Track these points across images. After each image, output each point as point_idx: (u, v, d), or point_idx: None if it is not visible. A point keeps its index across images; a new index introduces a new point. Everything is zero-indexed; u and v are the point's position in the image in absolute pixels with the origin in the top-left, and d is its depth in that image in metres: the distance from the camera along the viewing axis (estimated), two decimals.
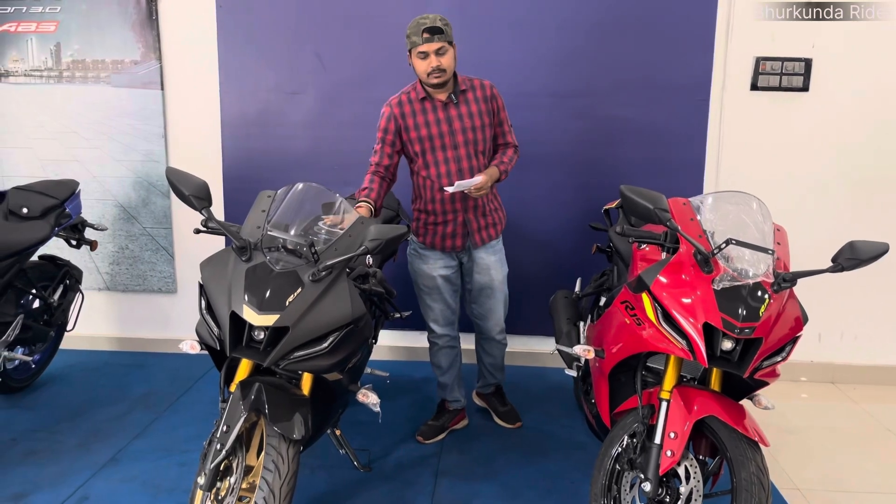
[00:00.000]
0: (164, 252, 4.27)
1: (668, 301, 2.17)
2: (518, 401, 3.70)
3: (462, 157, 3.04)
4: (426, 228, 3.19)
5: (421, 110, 3.02)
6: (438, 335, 3.33)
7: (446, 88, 3.01)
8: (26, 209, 3.47)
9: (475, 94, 3.06)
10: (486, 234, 3.20)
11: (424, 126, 3.02)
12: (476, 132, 3.04)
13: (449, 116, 3.02)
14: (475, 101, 3.05)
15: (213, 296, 2.24)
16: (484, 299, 3.29)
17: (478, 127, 3.04)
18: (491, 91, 3.08)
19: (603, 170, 4.00)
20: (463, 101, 3.04)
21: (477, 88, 3.07)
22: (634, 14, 3.86)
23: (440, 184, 3.06)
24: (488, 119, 3.07)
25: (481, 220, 3.17)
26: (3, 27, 4.08)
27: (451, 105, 3.02)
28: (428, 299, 3.28)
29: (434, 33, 2.85)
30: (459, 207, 3.12)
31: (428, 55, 2.88)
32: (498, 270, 3.26)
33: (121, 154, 4.19)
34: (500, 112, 3.13)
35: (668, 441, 2.19)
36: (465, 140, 3.03)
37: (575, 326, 3.30)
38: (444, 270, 3.21)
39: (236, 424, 2.19)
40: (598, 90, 3.93)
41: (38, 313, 3.64)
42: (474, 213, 3.14)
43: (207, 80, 4.08)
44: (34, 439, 3.26)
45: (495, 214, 3.22)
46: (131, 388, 3.85)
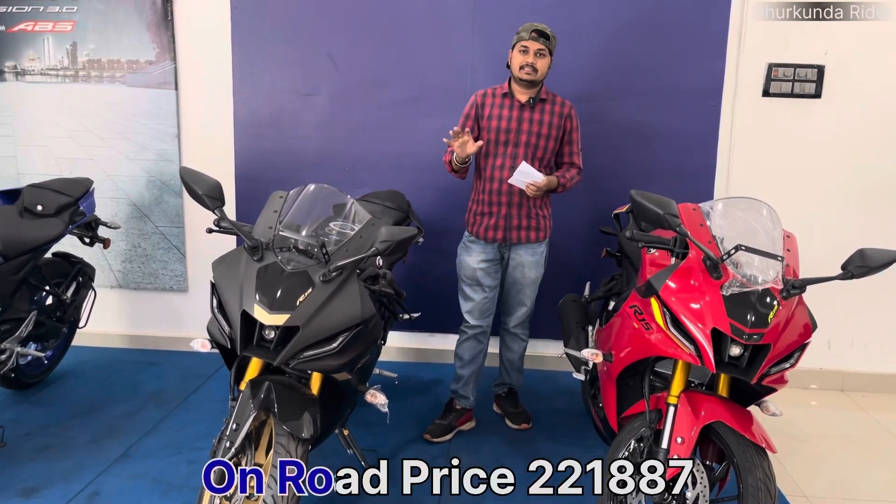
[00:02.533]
0: (175, 251, 4.31)
1: (677, 306, 2.17)
2: (527, 403, 3.71)
3: (520, 156, 3.20)
4: (474, 218, 3.34)
5: (499, 104, 3.23)
6: (470, 325, 3.41)
7: (529, 91, 3.20)
8: (41, 207, 3.51)
9: (552, 108, 3.23)
10: (526, 234, 3.30)
11: (496, 118, 3.21)
12: (541, 139, 3.21)
13: (521, 117, 3.21)
14: (551, 113, 3.23)
15: (225, 295, 2.27)
16: (514, 293, 3.41)
17: (544, 135, 3.21)
18: (569, 111, 3.27)
19: (613, 174, 4.01)
20: (540, 108, 3.22)
21: (557, 103, 3.25)
22: (647, 19, 3.87)
23: (493, 175, 3.23)
24: (556, 133, 3.23)
25: (524, 220, 3.28)
26: (20, 26, 4.13)
27: (527, 108, 3.20)
28: (467, 289, 3.38)
29: (541, 36, 3.11)
30: (505, 201, 3.25)
31: (528, 51, 3.10)
32: (532, 270, 3.36)
33: (135, 153, 4.22)
34: (573, 132, 3.30)
35: (674, 446, 2.19)
36: (527, 142, 3.20)
37: (584, 330, 3.31)
38: (484, 264, 3.32)
39: (246, 423, 2.21)
40: (608, 95, 3.94)
41: (51, 310, 3.68)
42: (518, 210, 3.26)
43: (221, 80, 4.11)
44: (46, 434, 3.30)
45: (541, 220, 3.33)
46: (143, 385, 3.89)
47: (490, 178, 3.24)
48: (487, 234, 3.30)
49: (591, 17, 3.88)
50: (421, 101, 4.00)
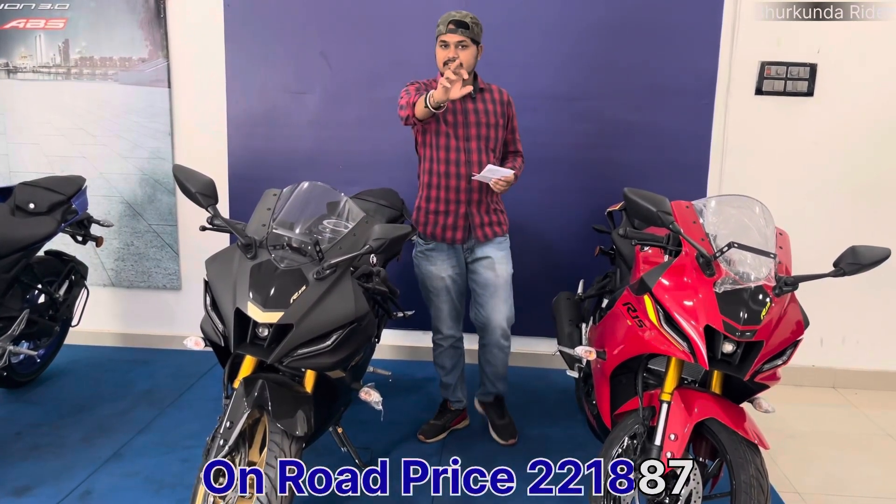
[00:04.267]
0: (169, 249, 4.30)
1: (670, 303, 2.18)
2: (519, 402, 3.71)
3: (472, 149, 3.08)
4: (427, 218, 3.18)
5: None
6: (445, 336, 3.33)
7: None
8: (33, 205, 3.49)
9: (492, 97, 3.14)
10: (489, 230, 3.20)
11: (443, 112, 3.02)
12: (490, 129, 3.10)
13: (465, 109, 3.07)
14: (492, 101, 3.13)
15: (218, 292, 2.26)
16: (488, 297, 3.23)
17: (492, 125, 3.11)
18: (508, 98, 3.19)
19: (606, 172, 4.01)
20: (480, 99, 3.11)
21: (494, 92, 3.16)
22: (639, 17, 3.87)
23: (448, 171, 3.09)
24: (503, 121, 3.15)
25: (484, 217, 3.18)
26: (11, 23, 4.11)
27: (468, 99, 3.07)
28: (436, 300, 3.27)
29: (459, 26, 2.92)
30: (463, 199, 3.13)
31: (448, 45, 2.95)
32: (503, 266, 3.23)
33: (127, 151, 4.21)
34: (513, 120, 3.22)
35: (668, 443, 2.20)
36: (477, 134, 3.09)
37: (577, 328, 3.32)
38: (451, 271, 3.21)
39: (239, 421, 2.21)
40: (601, 93, 3.95)
41: (43, 308, 3.66)
42: (477, 208, 3.15)
43: (214, 78, 4.10)
44: (38, 434, 3.28)
45: (499, 214, 3.25)
46: (135, 383, 3.87)
47: (445, 173, 3.10)
48: (446, 234, 3.17)
49: (582, 14, 3.88)
50: None
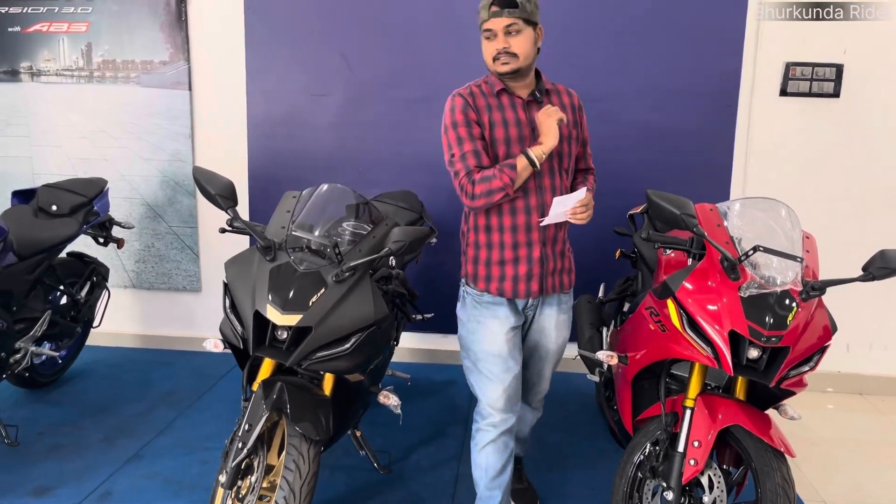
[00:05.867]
0: (189, 251, 4.31)
1: (694, 308, 2.14)
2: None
3: (543, 172, 2.30)
4: (491, 271, 2.37)
5: (497, 106, 2.30)
6: (496, 421, 2.40)
7: (526, 83, 2.33)
8: (55, 206, 3.52)
9: (561, 99, 2.40)
10: (559, 279, 2.44)
11: (502, 125, 2.28)
12: (563, 143, 2.33)
13: (531, 119, 2.31)
14: (562, 106, 2.38)
15: (238, 295, 2.26)
16: (534, 364, 2.57)
17: (565, 137, 2.34)
18: (578, 102, 2.44)
19: (627, 175, 3.97)
20: (548, 102, 2.36)
21: (563, 93, 2.41)
22: (661, 17, 3.83)
23: (515, 206, 2.31)
24: (576, 132, 2.40)
25: (558, 261, 2.43)
26: (35, 27, 4.15)
27: (534, 105, 2.33)
28: (491, 369, 2.39)
29: (505, 5, 2.18)
30: (536, 238, 2.35)
31: (495, 35, 2.22)
32: (561, 331, 2.51)
33: (148, 153, 4.23)
34: (585, 130, 2.49)
35: (691, 449, 2.17)
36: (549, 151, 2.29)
37: (598, 332, 3.29)
38: (513, 332, 2.40)
39: (258, 423, 2.20)
40: (622, 94, 3.91)
41: (65, 309, 3.69)
42: (552, 248, 2.40)
43: (234, 81, 4.11)
44: (59, 434, 3.30)
45: (571, 256, 2.53)
46: (155, 385, 3.89)
47: (512, 210, 2.31)
48: (519, 287, 2.36)
49: (605, 15, 3.85)
50: (434, 101, 3.98)
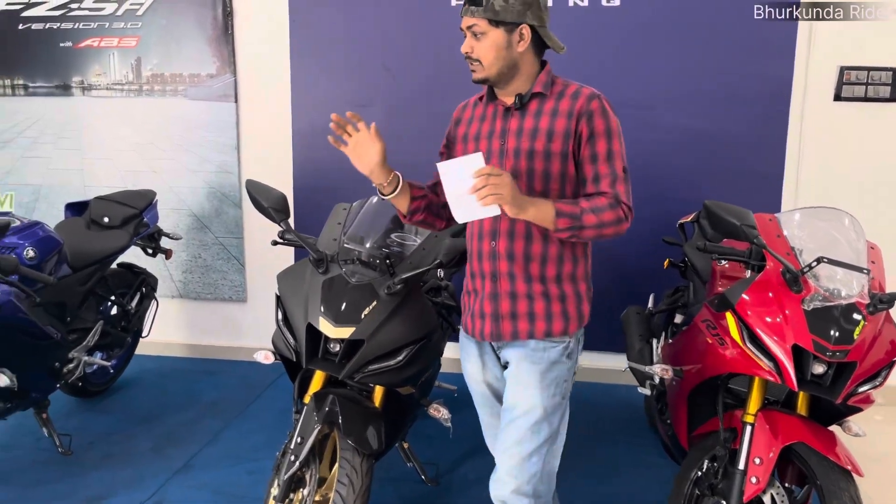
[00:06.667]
0: (235, 261, 4.35)
1: (755, 321, 2.08)
2: (587, 419, 3.62)
3: None
4: (464, 300, 2.12)
5: (479, 117, 2.05)
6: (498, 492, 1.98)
7: (512, 88, 1.96)
8: (107, 218, 3.59)
9: (556, 105, 1.93)
10: (522, 325, 1.95)
11: (473, 139, 2.02)
12: (532, 160, 1.91)
13: (505, 130, 1.97)
14: (551, 113, 1.92)
15: (290, 308, 2.26)
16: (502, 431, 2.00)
17: (537, 153, 1.90)
18: (586, 105, 1.90)
19: (675, 183, 3.90)
20: (531, 112, 1.95)
21: (566, 97, 1.94)
22: (709, 20, 3.75)
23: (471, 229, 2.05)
24: (559, 145, 1.90)
25: (521, 300, 1.95)
26: (86, 42, 4.24)
27: (512, 114, 1.97)
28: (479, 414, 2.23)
29: (471, 3, 1.89)
30: (488, 270, 1.99)
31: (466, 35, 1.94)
32: (532, 389, 1.94)
33: (195, 165, 4.29)
34: (595, 141, 1.90)
35: (752, 467, 2.10)
36: (513, 169, 1.92)
37: (648, 344, 3.23)
38: (492, 376, 2.10)
39: (310, 436, 2.20)
40: (670, 100, 3.84)
41: (115, 320, 3.74)
42: (510, 280, 1.96)
43: (279, 92, 4.14)
44: (110, 443, 3.35)
45: (555, 299, 1.95)
46: (202, 394, 3.93)
47: (476, 234, 2.03)
48: (475, 325, 2.04)
49: (650, 18, 3.79)
50: None
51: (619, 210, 1.86)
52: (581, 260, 2.01)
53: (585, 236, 1.86)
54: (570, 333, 1.98)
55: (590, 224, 1.83)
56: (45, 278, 2.78)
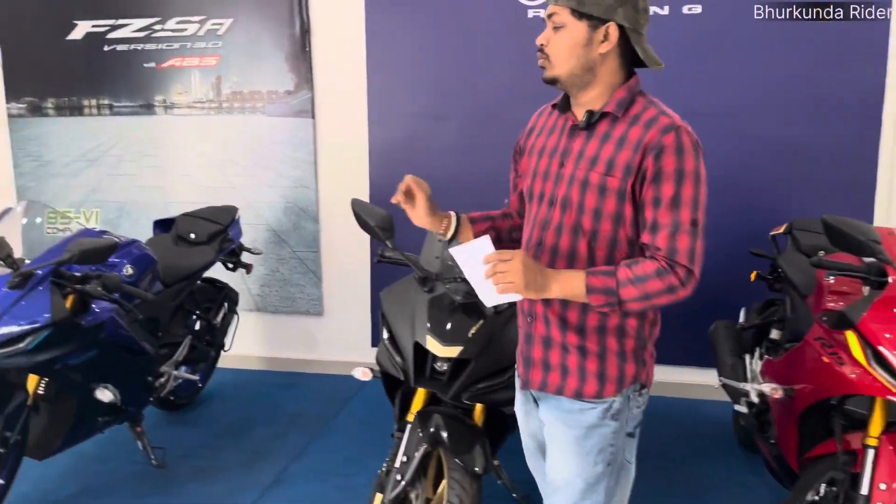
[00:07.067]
0: (312, 275, 4.39)
1: (881, 340, 2.00)
2: (671, 435, 3.54)
3: (550, 223, 1.73)
4: None
5: (549, 128, 1.81)
6: None
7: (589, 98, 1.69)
8: (194, 235, 3.66)
9: (626, 131, 1.63)
10: (553, 377, 1.75)
11: (537, 153, 1.80)
12: (584, 192, 1.66)
13: (567, 150, 1.72)
14: (618, 141, 1.64)
15: (396, 326, 2.27)
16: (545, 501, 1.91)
17: (591, 185, 1.65)
18: (657, 138, 1.59)
19: (761, 193, 3.81)
20: (598, 134, 1.67)
21: (639, 123, 1.63)
22: (794, 24, 3.65)
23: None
24: (618, 181, 1.62)
25: (554, 349, 1.74)
26: (169, 62, 4.34)
27: (578, 133, 1.71)
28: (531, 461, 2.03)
29: None
30: (526, 307, 1.82)
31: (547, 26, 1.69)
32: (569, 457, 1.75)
33: (273, 180, 4.35)
34: (654, 180, 1.59)
35: (877, 493, 2.02)
36: (564, 199, 1.69)
37: (740, 359, 3.16)
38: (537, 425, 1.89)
39: (416, 455, 2.20)
40: (754, 109, 3.75)
41: (201, 334, 3.81)
42: (545, 324, 1.75)
43: (356, 107, 4.17)
44: (201, 456, 3.40)
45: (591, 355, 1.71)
46: (284, 407, 3.96)
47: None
48: (518, 370, 1.91)
49: (733, 25, 3.70)
50: None
51: (671, 277, 1.57)
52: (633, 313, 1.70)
53: (632, 309, 1.62)
54: (605, 397, 1.71)
55: (630, 297, 1.58)
56: (146, 295, 2.84)
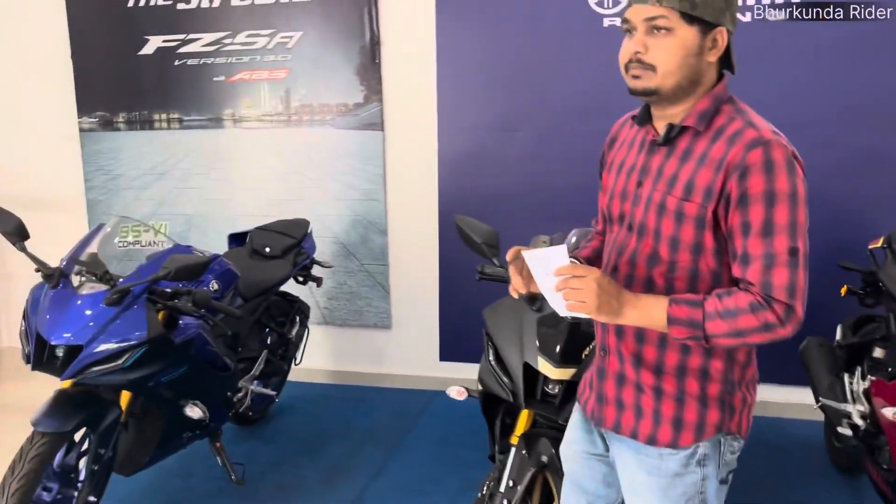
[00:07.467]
0: (380, 288, 4.36)
1: None
2: (756, 456, 3.42)
3: (626, 250, 1.58)
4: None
5: (630, 141, 1.66)
6: None
7: (676, 111, 1.52)
8: (268, 248, 3.65)
9: (708, 148, 1.46)
10: (627, 418, 1.60)
11: (616, 169, 1.65)
12: (661, 217, 1.50)
13: (646, 168, 1.57)
14: (699, 159, 1.47)
15: (503, 346, 2.21)
16: None
17: (667, 210, 1.49)
18: (741, 155, 1.40)
19: (849, 205, 3.68)
20: (678, 150, 1.51)
21: (722, 138, 1.45)
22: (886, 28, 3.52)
23: None
24: (696, 206, 1.46)
25: (627, 387, 1.59)
26: (238, 75, 4.35)
27: (657, 149, 1.56)
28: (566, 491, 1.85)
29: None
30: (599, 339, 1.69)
31: (635, 29, 1.49)
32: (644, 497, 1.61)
33: (341, 193, 4.33)
34: (739, 204, 1.41)
35: None
36: (641, 224, 1.55)
37: (838, 378, 3.04)
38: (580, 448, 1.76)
39: (523, 480, 2.14)
40: (842, 117, 3.62)
41: (274, 348, 3.79)
42: (619, 359, 1.61)
43: (426, 119, 4.13)
44: (280, 472, 3.37)
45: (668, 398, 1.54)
46: (356, 422, 3.92)
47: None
48: (581, 398, 1.76)
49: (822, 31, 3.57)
50: None
51: (768, 313, 1.38)
52: (720, 352, 1.51)
53: (720, 345, 1.44)
54: (681, 446, 1.53)
55: (718, 333, 1.40)
56: (234, 312, 2.81)
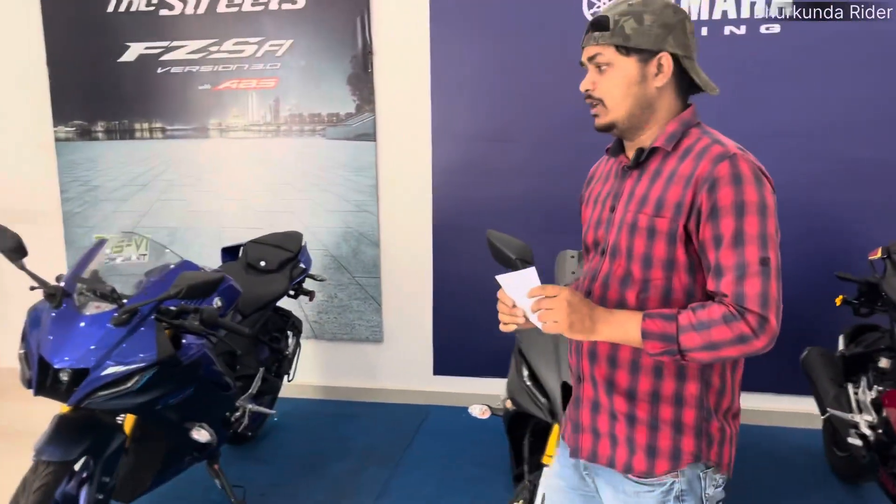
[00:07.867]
0: (372, 301, 4.28)
1: None
2: (758, 465, 3.45)
3: (599, 273, 1.59)
4: None
5: (604, 174, 1.71)
6: None
7: (642, 139, 1.58)
8: (264, 262, 3.54)
9: (677, 166, 1.50)
10: (603, 447, 1.58)
11: (593, 202, 1.68)
12: (633, 236, 1.52)
13: (619, 193, 1.60)
14: (668, 177, 1.50)
15: (539, 365, 2.16)
16: None
17: (639, 229, 1.51)
18: (709, 170, 1.43)
19: (843, 216, 3.73)
20: (649, 172, 1.55)
21: (690, 156, 1.49)
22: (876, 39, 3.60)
23: None
24: (667, 222, 1.47)
25: (602, 414, 1.58)
26: (225, 84, 4.23)
27: (629, 173, 1.59)
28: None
29: (595, 28, 1.52)
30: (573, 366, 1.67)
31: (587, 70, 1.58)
32: None
33: (333, 205, 4.24)
34: (710, 217, 1.43)
35: None
36: (615, 243, 1.56)
37: (842, 388, 3.08)
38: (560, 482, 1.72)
39: None
40: (835, 128, 3.68)
41: (269, 364, 3.68)
42: (592, 386, 1.60)
43: (419, 130, 4.08)
44: (280, 495, 3.26)
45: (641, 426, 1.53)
46: (352, 439, 3.83)
47: None
48: (564, 431, 1.73)
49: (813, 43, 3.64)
50: None
51: (741, 324, 1.37)
52: (694, 377, 1.50)
53: (694, 359, 1.41)
54: (657, 475, 1.51)
55: (692, 346, 1.39)
56: (242, 330, 2.71)
